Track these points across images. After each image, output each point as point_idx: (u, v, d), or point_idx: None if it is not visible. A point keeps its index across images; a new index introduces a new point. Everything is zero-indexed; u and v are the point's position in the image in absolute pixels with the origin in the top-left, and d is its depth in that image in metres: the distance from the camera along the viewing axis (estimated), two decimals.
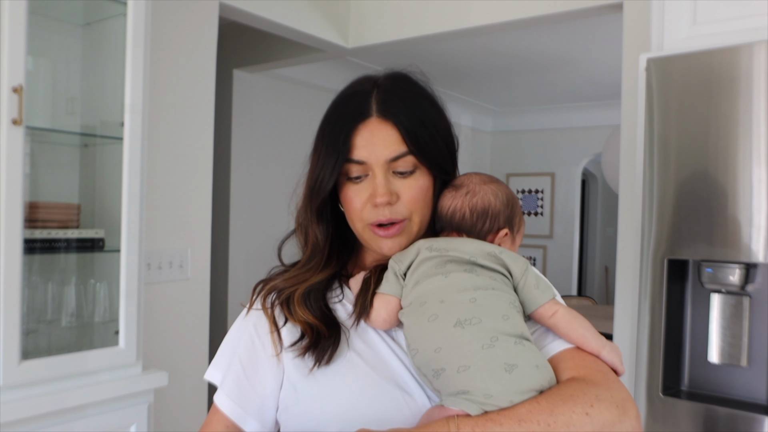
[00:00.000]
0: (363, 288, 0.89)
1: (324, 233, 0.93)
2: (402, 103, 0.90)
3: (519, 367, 0.74)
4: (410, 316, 0.82)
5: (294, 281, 0.92)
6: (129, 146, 1.79)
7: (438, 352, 0.76)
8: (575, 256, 6.30)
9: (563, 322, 0.84)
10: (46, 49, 1.90)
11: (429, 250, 0.86)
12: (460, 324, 0.77)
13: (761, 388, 1.55)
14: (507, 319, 0.78)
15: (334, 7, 3.04)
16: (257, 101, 3.97)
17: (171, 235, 2.32)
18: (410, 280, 0.85)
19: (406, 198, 0.89)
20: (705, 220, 1.54)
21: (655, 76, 1.62)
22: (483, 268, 0.83)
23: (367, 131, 0.88)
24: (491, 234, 0.90)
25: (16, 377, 1.56)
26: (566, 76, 4.86)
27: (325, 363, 0.84)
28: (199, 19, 2.40)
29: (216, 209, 2.89)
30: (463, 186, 0.92)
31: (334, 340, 0.86)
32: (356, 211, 0.90)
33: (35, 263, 1.77)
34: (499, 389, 0.73)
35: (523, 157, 6.45)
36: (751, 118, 1.48)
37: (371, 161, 0.88)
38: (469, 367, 0.74)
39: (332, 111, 0.93)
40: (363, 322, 0.88)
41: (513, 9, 2.64)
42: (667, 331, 1.62)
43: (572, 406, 0.72)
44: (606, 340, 0.84)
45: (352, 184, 0.90)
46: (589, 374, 0.78)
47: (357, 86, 0.94)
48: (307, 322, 0.88)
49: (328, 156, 0.89)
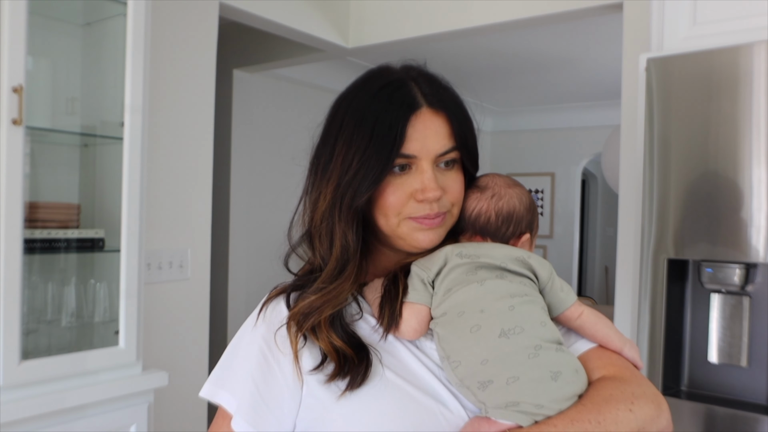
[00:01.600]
0: (386, 297, 0.83)
1: (357, 236, 0.84)
2: (447, 95, 0.87)
3: (563, 373, 0.75)
4: (448, 327, 0.80)
5: (332, 296, 0.83)
6: (129, 146, 1.79)
7: (484, 364, 0.75)
8: (575, 256, 6.30)
9: (589, 323, 0.84)
10: (46, 49, 1.90)
11: (459, 256, 0.83)
12: (505, 334, 0.76)
13: (761, 388, 1.55)
14: (544, 326, 0.79)
15: (334, 7, 3.04)
16: (257, 101, 3.97)
17: (171, 235, 2.32)
18: (440, 288, 0.82)
19: (452, 192, 0.86)
20: (705, 220, 1.54)
21: (655, 76, 1.62)
22: (513, 274, 0.82)
23: (420, 123, 0.83)
24: (514, 238, 0.89)
25: (16, 377, 1.56)
26: (566, 76, 4.86)
27: (356, 386, 0.78)
28: (199, 19, 2.40)
29: (216, 209, 2.89)
30: (488, 188, 0.90)
31: (366, 363, 0.79)
32: (394, 206, 0.84)
33: (35, 263, 1.77)
34: (548, 398, 0.73)
35: (523, 157, 6.45)
36: (752, 118, 1.48)
37: (422, 155, 0.83)
38: (518, 378, 0.74)
39: (368, 100, 0.84)
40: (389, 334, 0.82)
41: (513, 9, 2.64)
42: (667, 331, 1.62)
43: (615, 405, 0.74)
44: (626, 337, 0.86)
45: (392, 179, 0.83)
46: (618, 372, 0.80)
47: (388, 74, 0.87)
48: (333, 345, 0.80)
49: (377, 149, 0.81)
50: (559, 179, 6.27)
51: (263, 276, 3.86)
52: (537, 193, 6.38)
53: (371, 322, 0.85)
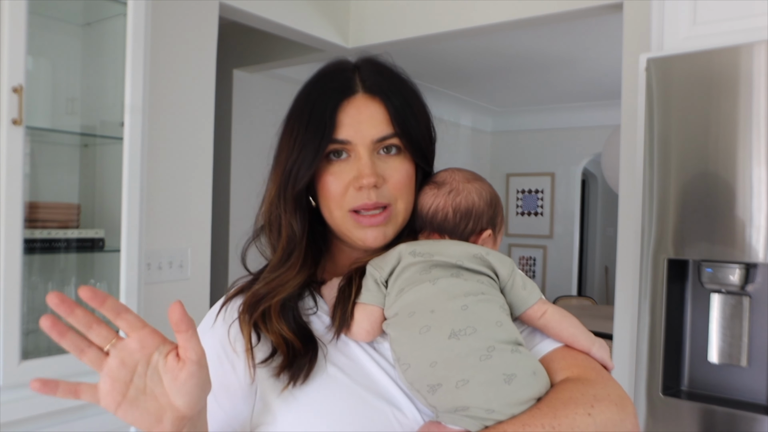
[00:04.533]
0: (340, 297, 0.82)
1: (301, 224, 0.84)
2: (388, 81, 0.85)
3: (518, 376, 0.71)
4: (398, 328, 0.77)
5: (275, 284, 0.82)
6: (129, 146, 1.79)
7: (433, 366, 0.72)
8: (575, 256, 6.30)
9: (553, 322, 0.80)
10: (46, 49, 1.90)
11: (412, 255, 0.80)
12: (455, 335, 0.73)
13: (761, 388, 1.55)
14: (500, 326, 0.75)
15: (334, 7, 3.04)
16: (257, 101, 3.97)
17: (171, 235, 2.32)
18: (393, 288, 0.79)
19: (393, 181, 0.83)
20: (705, 220, 1.54)
21: (655, 76, 1.62)
22: (470, 272, 0.79)
23: (353, 108, 0.82)
24: (474, 235, 0.85)
25: (16, 377, 1.56)
26: (566, 76, 4.86)
27: (301, 382, 0.76)
28: (199, 19, 2.40)
29: (216, 209, 2.89)
30: (446, 183, 0.86)
31: (311, 357, 0.78)
32: (335, 197, 0.82)
33: (35, 263, 1.77)
34: (500, 402, 0.70)
35: (523, 157, 6.45)
36: (752, 118, 1.48)
37: (357, 141, 0.81)
38: (467, 381, 0.70)
39: (310, 89, 0.85)
40: (343, 334, 0.81)
41: (513, 9, 2.64)
42: (667, 331, 1.62)
43: (573, 408, 0.70)
44: (594, 337, 0.81)
45: (331, 167, 0.82)
46: (583, 373, 0.76)
47: (335, 65, 0.87)
48: (282, 336, 0.79)
49: (310, 135, 0.81)
50: (559, 179, 6.27)
51: None
52: (537, 193, 6.38)
53: (326, 320, 0.83)
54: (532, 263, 6.43)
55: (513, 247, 6.51)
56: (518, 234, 6.47)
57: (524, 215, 6.46)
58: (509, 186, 6.54)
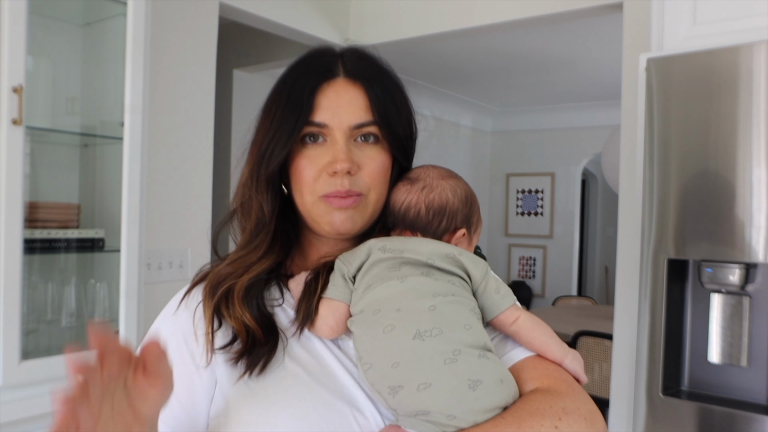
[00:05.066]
0: (306, 291, 0.79)
1: (271, 205, 0.82)
2: (372, 69, 0.83)
3: (483, 383, 0.68)
4: (362, 326, 0.74)
5: (238, 265, 0.80)
6: (129, 146, 1.79)
7: (395, 367, 0.69)
8: (575, 256, 6.30)
9: (525, 329, 0.77)
10: (46, 49, 1.90)
11: (382, 250, 0.77)
12: (420, 336, 0.70)
13: (761, 388, 1.55)
14: (469, 329, 0.72)
15: (334, 7, 3.04)
16: (257, 101, 3.95)
17: (171, 235, 2.32)
18: (361, 284, 0.76)
19: (368, 170, 0.80)
20: (705, 220, 1.54)
21: (655, 76, 1.62)
22: (441, 272, 0.76)
23: (332, 91, 0.80)
24: (448, 234, 0.82)
25: (16, 377, 1.56)
26: (566, 76, 4.86)
27: (257, 373, 0.73)
28: (199, 19, 2.40)
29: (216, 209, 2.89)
30: (419, 180, 0.83)
31: (270, 347, 0.75)
32: (308, 182, 0.80)
33: (35, 263, 1.77)
34: (463, 408, 0.67)
35: (523, 157, 6.45)
36: (752, 118, 1.48)
37: (333, 125, 0.79)
38: (430, 385, 0.68)
39: (291, 71, 0.83)
40: (306, 330, 0.78)
41: (513, 9, 2.65)
42: (667, 331, 1.62)
43: (540, 420, 0.68)
44: (568, 348, 0.79)
45: (306, 150, 0.80)
46: (553, 384, 0.74)
47: (319, 50, 0.85)
48: (244, 323, 0.76)
49: (286, 116, 0.79)
50: (559, 179, 6.27)
51: None
52: (537, 193, 6.38)
53: (291, 314, 0.80)
54: (532, 263, 6.43)
55: (513, 247, 6.51)
56: (518, 234, 6.47)
57: (524, 215, 6.46)
58: (509, 186, 6.54)
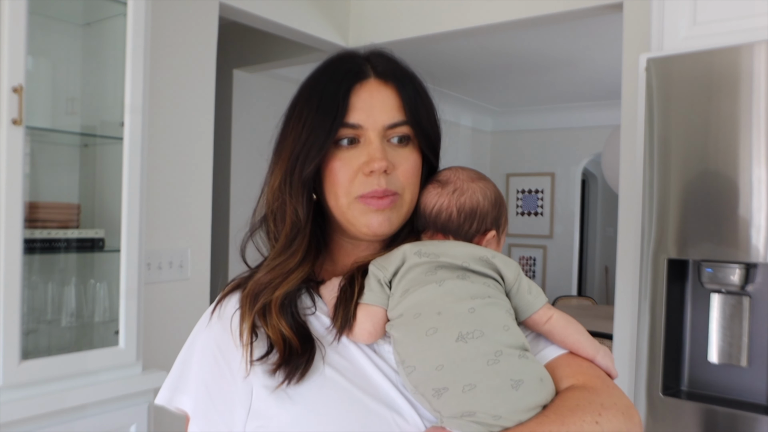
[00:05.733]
0: (341, 298, 0.79)
1: (307, 210, 0.82)
2: (400, 70, 0.84)
3: (525, 382, 0.70)
4: (403, 329, 0.75)
5: (278, 273, 0.80)
6: (129, 146, 1.79)
7: (440, 369, 0.70)
8: (575, 256, 6.30)
9: (558, 328, 0.79)
10: (46, 49, 1.90)
11: (417, 255, 0.78)
12: (462, 338, 0.71)
13: (761, 388, 1.55)
14: (507, 330, 0.73)
15: (334, 7, 3.04)
16: (257, 101, 3.97)
17: (171, 235, 2.32)
18: (398, 289, 0.77)
19: (402, 169, 0.81)
20: (705, 220, 1.54)
21: (655, 76, 1.62)
22: (476, 274, 0.77)
23: (365, 92, 0.81)
24: (478, 236, 0.83)
25: (16, 377, 1.56)
26: (566, 76, 4.86)
27: (296, 381, 0.74)
28: (199, 19, 2.40)
29: (216, 209, 2.89)
30: (450, 182, 0.84)
31: (308, 357, 0.76)
32: (343, 184, 0.80)
33: (35, 263, 1.77)
34: (508, 408, 0.68)
35: (523, 157, 6.45)
36: (752, 118, 1.48)
37: (368, 125, 0.80)
38: (475, 386, 0.69)
39: (319, 75, 0.84)
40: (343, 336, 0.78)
41: (513, 9, 2.64)
42: (667, 331, 1.62)
43: (581, 416, 0.69)
44: (599, 344, 0.80)
45: (340, 153, 0.81)
46: (588, 381, 0.75)
47: (344, 53, 0.86)
48: (281, 333, 0.77)
49: (319, 119, 0.79)
50: (559, 179, 6.27)
51: None
52: (537, 193, 6.38)
53: (325, 321, 0.80)
54: (532, 263, 6.43)
55: (513, 247, 6.51)
56: (518, 234, 6.46)
57: (524, 215, 6.46)
58: (509, 186, 6.54)
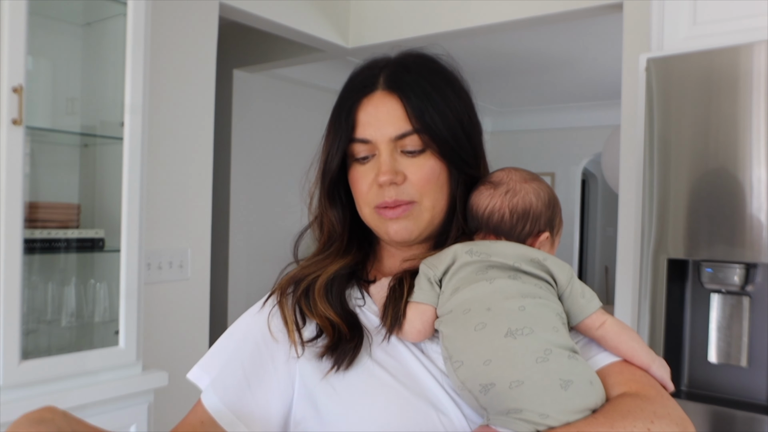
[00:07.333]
0: (390, 297, 0.80)
1: (340, 218, 0.87)
2: (410, 76, 0.83)
3: (574, 383, 0.68)
4: (452, 325, 0.74)
5: (314, 268, 0.85)
6: (129, 146, 1.79)
7: (487, 365, 0.69)
8: (575, 256, 6.30)
9: (612, 334, 0.77)
10: (46, 49, 1.90)
11: (469, 254, 0.78)
12: (512, 334, 0.70)
13: (761, 388, 1.55)
14: (557, 331, 0.72)
15: (334, 7, 3.04)
16: (257, 101, 3.97)
17: (171, 235, 2.32)
18: (448, 287, 0.77)
19: (414, 179, 0.81)
20: (705, 220, 1.54)
21: (655, 76, 1.62)
22: (527, 275, 0.76)
23: (371, 106, 0.82)
24: (531, 237, 0.82)
25: (16, 377, 1.56)
26: (566, 76, 4.86)
27: (345, 368, 0.76)
28: (199, 19, 2.40)
29: (216, 209, 2.89)
30: (502, 183, 0.84)
31: (356, 344, 0.77)
32: (363, 194, 0.84)
33: (35, 263, 1.77)
34: (555, 408, 0.66)
35: (523, 157, 6.45)
36: (751, 118, 1.48)
37: (376, 138, 0.81)
38: (522, 383, 0.67)
39: (344, 86, 0.87)
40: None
41: (513, 9, 2.64)
42: (667, 331, 1.62)
43: (632, 422, 0.66)
44: (655, 354, 0.78)
45: (358, 166, 0.84)
46: (642, 390, 0.72)
47: (368, 62, 0.88)
48: (328, 319, 0.79)
49: (333, 136, 0.84)
50: (559, 179, 6.27)
51: (263, 276, 3.86)
52: None
53: (374, 320, 0.82)
54: None
55: None
56: None
57: None
58: None
